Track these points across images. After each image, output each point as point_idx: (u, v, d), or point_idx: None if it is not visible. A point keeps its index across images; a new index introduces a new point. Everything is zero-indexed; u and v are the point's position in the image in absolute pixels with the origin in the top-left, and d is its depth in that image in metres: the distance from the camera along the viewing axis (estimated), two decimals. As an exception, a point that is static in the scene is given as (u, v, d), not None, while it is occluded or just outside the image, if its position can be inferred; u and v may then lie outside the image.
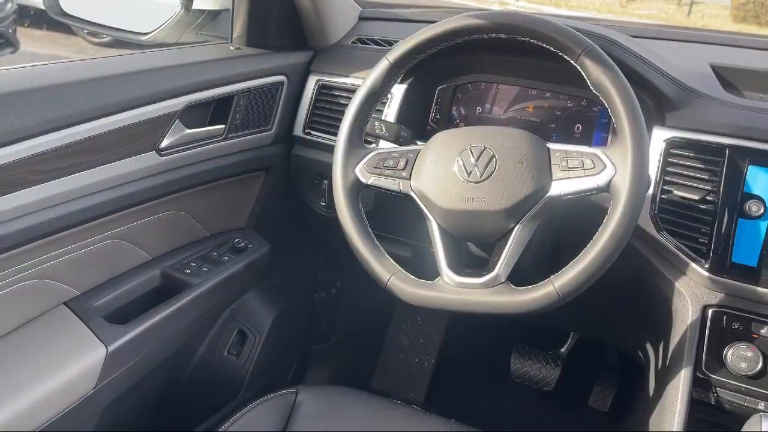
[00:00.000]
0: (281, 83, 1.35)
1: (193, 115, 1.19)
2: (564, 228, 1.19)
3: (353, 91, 1.07)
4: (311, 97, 1.39)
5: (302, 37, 1.44)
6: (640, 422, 1.21)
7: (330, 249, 1.70)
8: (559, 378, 1.85)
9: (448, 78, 1.34)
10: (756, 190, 1.01)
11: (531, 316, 0.94)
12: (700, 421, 1.12)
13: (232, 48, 1.36)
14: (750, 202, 1.01)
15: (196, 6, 1.36)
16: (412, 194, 1.01)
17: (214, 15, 1.44)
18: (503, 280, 0.94)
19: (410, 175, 1.02)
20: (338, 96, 1.36)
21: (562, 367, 1.86)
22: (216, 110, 1.24)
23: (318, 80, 1.39)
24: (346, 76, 1.36)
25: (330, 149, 1.08)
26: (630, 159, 0.89)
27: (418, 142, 1.07)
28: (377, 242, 1.03)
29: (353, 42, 1.45)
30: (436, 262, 0.99)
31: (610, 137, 1.21)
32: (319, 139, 1.38)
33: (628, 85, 0.92)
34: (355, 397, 1.18)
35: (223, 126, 1.25)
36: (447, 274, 0.97)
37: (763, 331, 1.02)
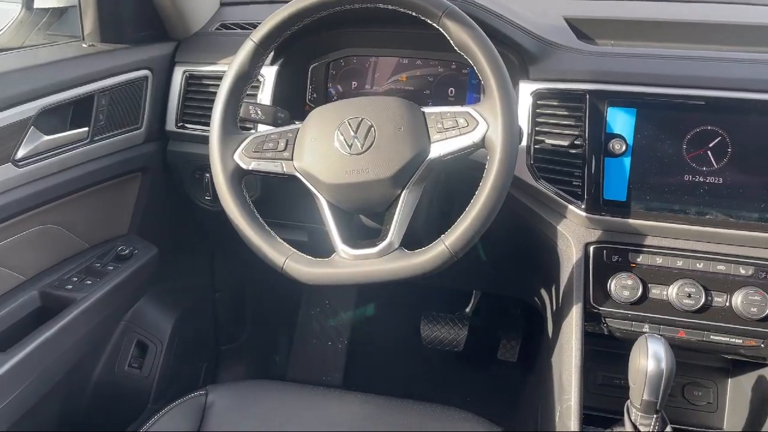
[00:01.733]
0: (145, 78, 1.29)
1: (50, 120, 1.10)
2: (451, 188, 1.22)
3: None
4: (180, 90, 1.33)
5: (162, 28, 1.37)
6: (545, 365, 1.27)
7: (225, 244, 1.65)
8: (467, 337, 1.91)
9: (319, 55, 1.33)
10: (617, 130, 1.08)
11: (428, 277, 0.96)
12: (595, 352, 1.19)
13: (85, 45, 1.27)
14: (613, 141, 1.07)
15: (38, 5, 1.27)
16: (297, 174, 1.00)
17: (60, 13, 1.34)
18: (397, 246, 0.95)
19: (292, 156, 1.00)
20: (208, 85, 1.31)
21: (469, 326, 1.92)
22: (76, 113, 1.16)
23: (185, 71, 1.34)
24: (214, 64, 1.31)
25: (207, 141, 1.05)
26: (499, 112, 0.92)
27: (297, 122, 1.06)
28: (268, 228, 1.01)
29: (217, 28, 1.41)
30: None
31: (482, 97, 1.25)
32: (194, 132, 1.33)
33: (490, 42, 0.94)
34: (270, 389, 1.16)
35: (86, 129, 1.17)
36: (342, 249, 0.97)
37: (639, 260, 1.10)
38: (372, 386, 1.37)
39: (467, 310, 1.95)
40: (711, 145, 1.04)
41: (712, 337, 1.09)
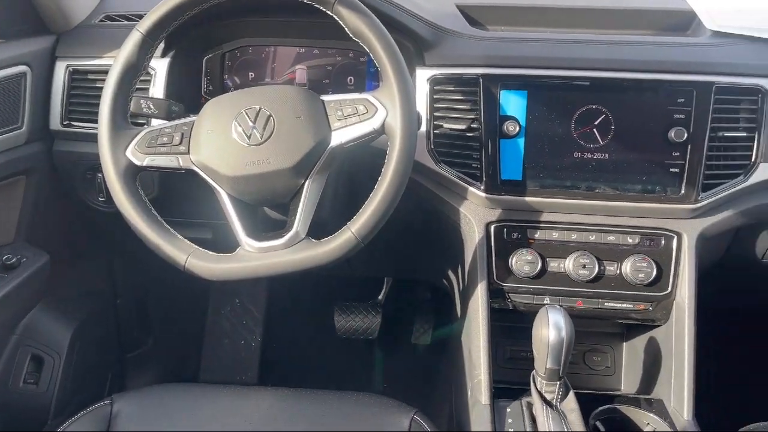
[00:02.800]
0: (23, 74, 1.20)
1: None
2: (355, 176, 1.23)
3: None
4: (63, 86, 1.26)
5: (39, 20, 1.28)
6: (456, 344, 1.31)
7: (123, 246, 1.58)
8: (381, 324, 1.93)
9: (213, 46, 1.30)
10: (510, 112, 1.12)
11: (338, 265, 0.96)
12: (503, 327, 1.24)
13: (-49, 41, 1.17)
14: (507, 123, 1.12)
15: None
16: (195, 168, 0.97)
17: None
18: (303, 236, 0.95)
19: (188, 149, 0.97)
20: (94, 80, 1.25)
21: (382, 313, 1.94)
22: (-55, 114, 1.07)
23: (68, 66, 1.26)
24: (99, 57, 1.24)
25: (96, 138, 1.00)
26: (397, 98, 0.93)
27: (192, 116, 1.02)
28: (167, 225, 0.98)
29: (101, 20, 1.33)
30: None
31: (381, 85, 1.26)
32: (82, 130, 1.26)
33: (384, 29, 0.95)
34: (180, 392, 1.12)
35: (-42, 130, 1.08)
36: (246, 242, 0.95)
37: (537, 236, 1.15)
38: (289, 381, 1.36)
39: (380, 297, 1.97)
40: (596, 123, 1.11)
41: (606, 304, 1.16)
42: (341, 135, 0.95)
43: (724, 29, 1.17)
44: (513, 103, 1.12)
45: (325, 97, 0.98)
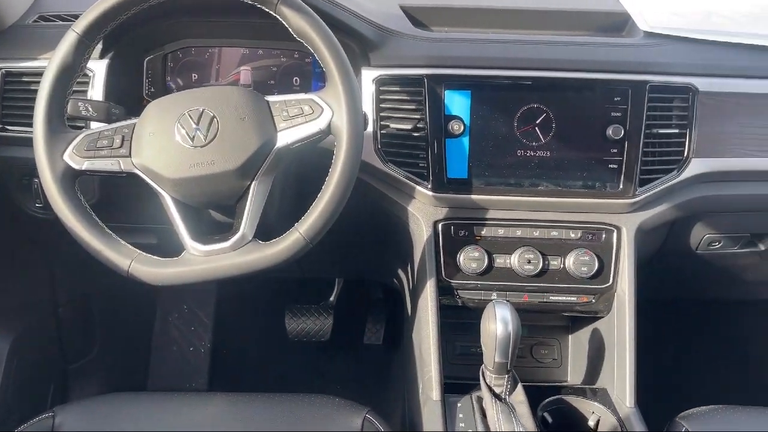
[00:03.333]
0: (-47, 77, 1.15)
1: None
2: (303, 177, 1.22)
3: None
4: None
5: (-32, 20, 1.23)
6: (407, 342, 1.32)
7: (64, 254, 1.53)
8: (333, 326, 1.93)
9: (154, 47, 1.27)
10: (455, 111, 1.14)
11: (287, 267, 0.96)
12: (452, 324, 1.26)
13: None
14: (452, 122, 1.13)
15: None
16: (137, 171, 0.95)
17: None
18: (250, 238, 0.94)
19: (130, 152, 0.95)
20: (29, 82, 1.20)
21: (333, 315, 1.94)
22: None
23: (1, 68, 1.21)
24: (34, 59, 1.20)
25: (32, 143, 0.96)
26: (343, 98, 0.94)
27: (133, 118, 1.00)
28: (109, 231, 0.96)
29: (35, 21, 1.29)
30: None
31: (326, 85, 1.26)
32: (17, 134, 1.21)
33: (328, 29, 0.96)
34: (125, 401, 1.10)
35: None
36: (192, 246, 0.94)
37: (483, 233, 1.17)
38: (240, 386, 1.34)
39: (331, 299, 1.97)
40: (538, 121, 1.13)
41: (551, 297, 1.19)
42: (287, 136, 0.95)
43: (656, 30, 1.21)
44: (457, 103, 1.13)
45: (270, 98, 0.98)
